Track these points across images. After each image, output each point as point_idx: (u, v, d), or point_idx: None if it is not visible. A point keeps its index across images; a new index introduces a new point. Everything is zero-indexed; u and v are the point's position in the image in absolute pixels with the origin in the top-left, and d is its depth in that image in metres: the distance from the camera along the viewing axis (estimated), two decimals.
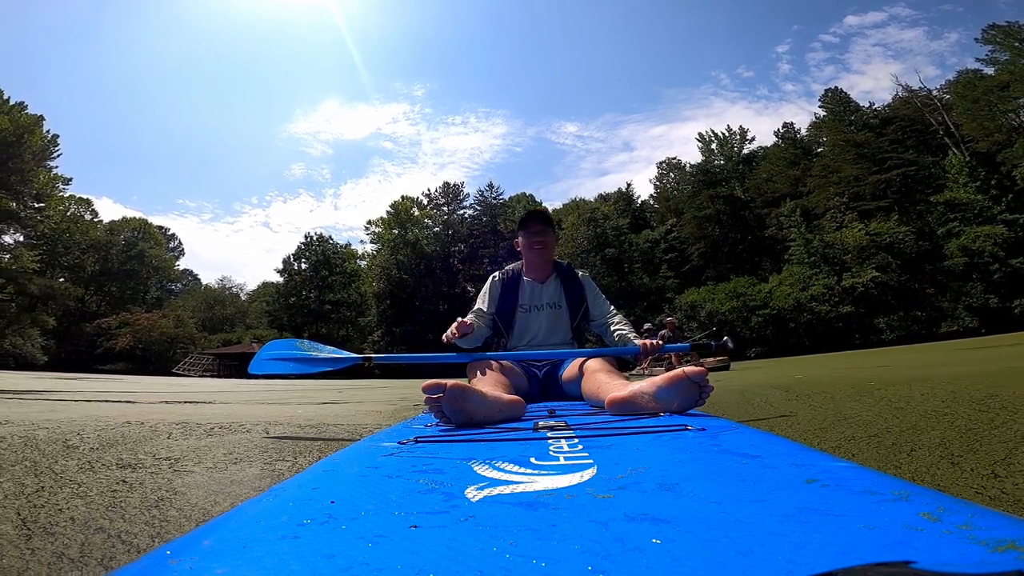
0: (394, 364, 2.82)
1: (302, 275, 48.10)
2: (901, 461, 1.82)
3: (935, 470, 1.71)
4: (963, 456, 1.82)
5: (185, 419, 3.98)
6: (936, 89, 40.17)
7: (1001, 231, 28.55)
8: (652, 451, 0.88)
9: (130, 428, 3.33)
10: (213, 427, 3.46)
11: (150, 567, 0.47)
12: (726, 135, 47.24)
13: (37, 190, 37.40)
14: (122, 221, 53.07)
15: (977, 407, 2.70)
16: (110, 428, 3.29)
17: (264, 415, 4.49)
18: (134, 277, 51.08)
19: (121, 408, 5.05)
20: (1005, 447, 1.86)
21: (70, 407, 4.95)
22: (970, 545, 0.43)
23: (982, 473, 1.62)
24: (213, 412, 4.76)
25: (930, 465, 1.77)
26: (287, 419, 4.12)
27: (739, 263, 38.68)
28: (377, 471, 0.82)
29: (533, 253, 2.60)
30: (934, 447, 1.97)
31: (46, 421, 3.54)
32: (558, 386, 2.31)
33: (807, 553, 0.44)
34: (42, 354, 37.50)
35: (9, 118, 34.58)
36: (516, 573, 0.43)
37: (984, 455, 1.80)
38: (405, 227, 47.87)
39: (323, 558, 0.46)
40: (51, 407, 4.85)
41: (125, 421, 3.72)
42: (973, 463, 1.72)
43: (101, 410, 4.71)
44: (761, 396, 4.39)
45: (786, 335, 29.63)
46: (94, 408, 4.94)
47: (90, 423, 3.51)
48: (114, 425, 3.45)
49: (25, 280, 35.59)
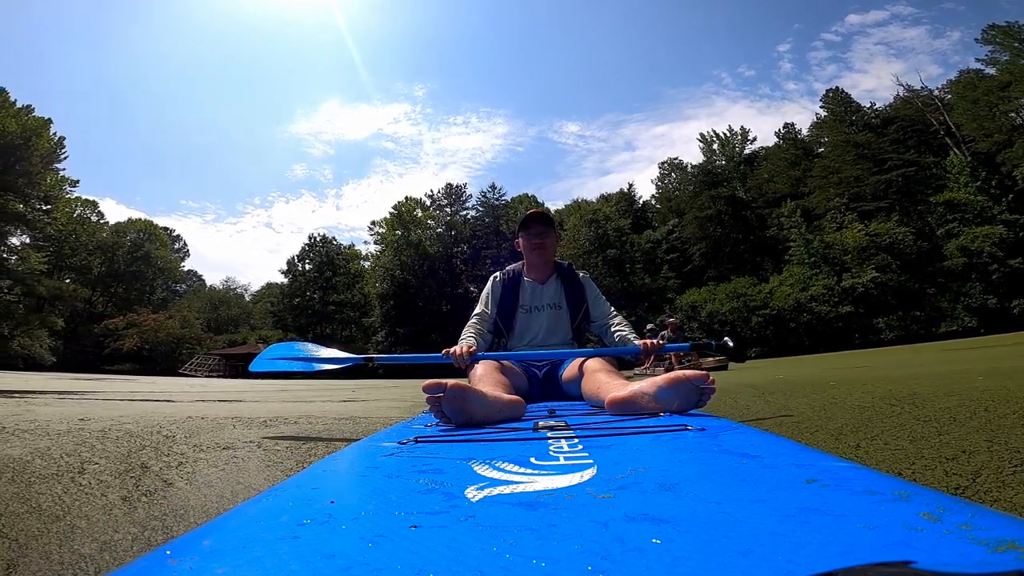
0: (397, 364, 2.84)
1: (306, 276, 48.23)
2: (803, 438, 2.14)
3: (821, 443, 2.18)
4: (847, 435, 2.30)
5: (235, 414, 4.46)
6: (938, 89, 39.91)
7: (1000, 231, 28.47)
8: (652, 451, 0.88)
9: (197, 421, 3.80)
10: (264, 420, 3.93)
11: (150, 567, 0.46)
12: (727, 135, 47.05)
13: (45, 192, 37.48)
14: (128, 223, 53.22)
15: (891, 402, 3.17)
16: (181, 422, 3.74)
17: (300, 411, 4.92)
18: (140, 278, 51.27)
19: (170, 406, 5.44)
20: (880, 430, 2.35)
21: (125, 406, 5.35)
22: (970, 545, 0.42)
23: (850, 445, 2.12)
24: (252, 409, 5.22)
25: (820, 440, 2.26)
26: (323, 414, 4.57)
27: (741, 263, 38.62)
28: (377, 471, 0.82)
29: (533, 254, 2.60)
30: (834, 430, 2.47)
31: (120, 417, 3.93)
32: (558, 386, 2.31)
33: (807, 553, 0.43)
34: (50, 355, 37.59)
35: (16, 121, 34.65)
36: (516, 573, 0.43)
37: (862, 435, 2.28)
38: (408, 228, 47.95)
39: (323, 558, 0.46)
40: (110, 406, 5.20)
41: (187, 416, 4.17)
42: (851, 440, 2.20)
43: (156, 408, 5.12)
44: (732, 394, 4.67)
45: (786, 335, 29.58)
46: (148, 407, 5.32)
47: (159, 418, 3.91)
48: (181, 419, 3.90)
49: (34, 282, 35.75)
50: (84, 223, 47.86)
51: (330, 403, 6.10)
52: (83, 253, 46.83)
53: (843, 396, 3.81)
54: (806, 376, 7.04)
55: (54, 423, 3.50)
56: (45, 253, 38.19)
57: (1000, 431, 2.08)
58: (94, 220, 49.81)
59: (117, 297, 49.99)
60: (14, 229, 36.61)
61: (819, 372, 7.80)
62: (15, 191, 35.27)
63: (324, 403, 6.11)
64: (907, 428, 2.33)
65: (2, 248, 35.88)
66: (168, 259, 55.22)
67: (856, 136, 36.80)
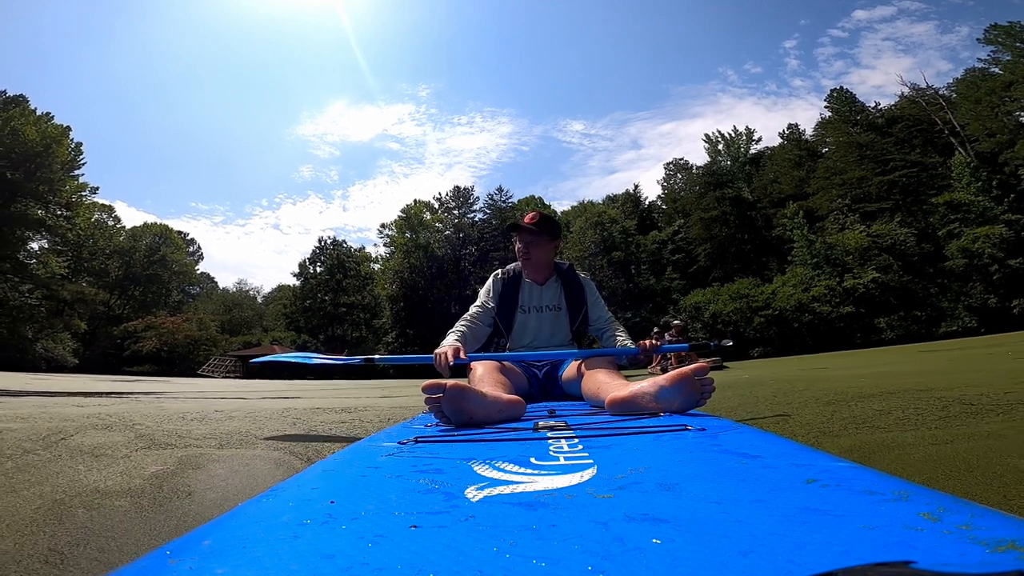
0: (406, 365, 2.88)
1: (318, 279, 48.35)
2: (737, 420, 2.52)
3: (746, 419, 2.77)
4: (730, 414, 2.85)
5: (314, 406, 5.15)
6: (944, 87, 39.25)
7: (1000, 231, 28.25)
8: (652, 451, 0.87)
9: (298, 412, 4.45)
10: (340, 410, 4.55)
11: (150, 567, 0.46)
12: (732, 136, 46.69)
13: (66, 199, 37.79)
14: (143, 227, 53.63)
15: (820, 399, 3.75)
16: (289, 412, 4.37)
17: (356, 403, 5.56)
18: (156, 281, 51.60)
19: (252, 402, 5.99)
20: (757, 411, 3.27)
21: (221, 402, 5.83)
22: (970, 545, 0.42)
23: (771, 423, 2.74)
24: (319, 403, 5.84)
25: (744, 417, 2.89)
26: (375, 405, 5.24)
27: (746, 263, 38.41)
28: (377, 471, 0.81)
29: (520, 257, 2.55)
30: (765, 415, 3.05)
31: (235, 411, 4.51)
32: (558, 386, 2.29)
33: (807, 553, 0.43)
34: (72, 357, 37.91)
35: (36, 129, 34.88)
36: (516, 573, 0.42)
37: (780, 419, 2.87)
38: (417, 231, 48.14)
39: (323, 558, 0.46)
40: (206, 405, 5.42)
41: (283, 409, 4.82)
42: (769, 423, 2.74)
43: (249, 404, 5.65)
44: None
45: (789, 335, 29.44)
46: (243, 403, 5.83)
47: (266, 411, 4.56)
48: (281, 411, 4.50)
49: (57, 286, 36.06)
50: (101, 228, 48.26)
51: (369, 399, 6.55)
52: (101, 257, 47.20)
53: (787, 391, 4.63)
54: (771, 375, 7.78)
55: (227, 409, 4.55)
56: (65, 258, 38.53)
57: (821, 412, 3.04)
58: (111, 224, 50.26)
59: (134, 300, 50.35)
60: (36, 235, 36.97)
61: (786, 373, 8.35)
62: (37, 198, 35.60)
63: (367, 399, 6.60)
64: (779, 408, 3.39)
65: (24, 254, 36.20)
66: (184, 262, 55.53)
67: (859, 137, 36.44)
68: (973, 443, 1.94)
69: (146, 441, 2.57)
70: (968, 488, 1.42)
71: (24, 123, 34.12)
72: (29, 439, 2.49)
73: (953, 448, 1.88)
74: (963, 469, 1.60)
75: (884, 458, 1.82)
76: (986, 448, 1.84)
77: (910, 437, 2.13)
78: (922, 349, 13.91)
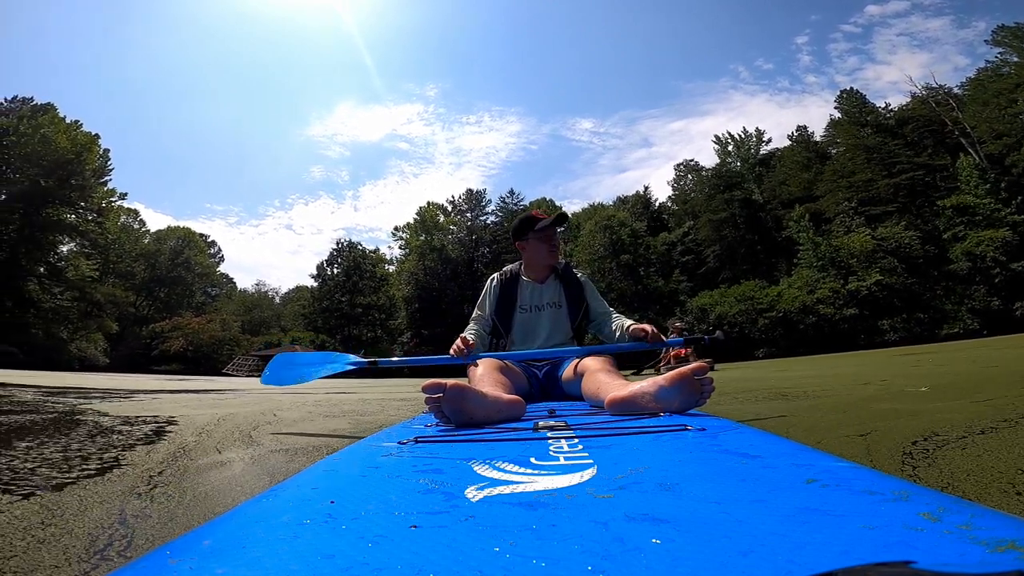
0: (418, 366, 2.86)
1: (335, 280, 48.70)
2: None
3: (746, 419, 2.83)
4: (766, 418, 2.92)
5: (375, 399, 5.57)
6: (957, 86, 38.32)
7: (1004, 234, 27.94)
8: (652, 451, 0.86)
9: (367, 404, 4.82)
10: (396, 403, 4.88)
11: (150, 567, 0.46)
12: (742, 137, 45.85)
13: (97, 205, 38.35)
14: (167, 230, 54.56)
15: (774, 396, 4.11)
16: (359, 405, 4.72)
17: (399, 395, 6.05)
18: (181, 283, 52.39)
19: (317, 396, 6.25)
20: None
21: (287, 398, 6.00)
22: (970, 545, 0.41)
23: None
24: (371, 395, 6.31)
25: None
26: (414, 398, 5.56)
27: (755, 265, 38.11)
28: (377, 471, 0.81)
29: (549, 254, 2.54)
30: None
31: (316, 403, 4.91)
32: (558, 386, 2.26)
33: (807, 553, 0.42)
34: (104, 356, 38.47)
35: (67, 136, 35.38)
36: (516, 573, 0.42)
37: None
38: (431, 233, 48.43)
39: (323, 558, 0.45)
40: (270, 400, 5.62)
41: (357, 401, 5.24)
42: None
43: (317, 397, 5.95)
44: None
45: (794, 337, 29.21)
46: (305, 397, 6.09)
47: (339, 404, 4.88)
48: (351, 403, 4.89)
49: (90, 289, 36.63)
50: (128, 231, 49.01)
51: (399, 394, 6.82)
52: (128, 260, 47.91)
53: (749, 389, 5.09)
54: (755, 375, 8.19)
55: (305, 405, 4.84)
56: (94, 261, 39.09)
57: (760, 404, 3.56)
58: (136, 228, 51.03)
59: (159, 301, 51.15)
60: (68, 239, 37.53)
61: (766, 373, 8.58)
62: (69, 204, 36.20)
63: (399, 394, 6.90)
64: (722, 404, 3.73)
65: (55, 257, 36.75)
66: (206, 264, 56.23)
67: (867, 139, 35.93)
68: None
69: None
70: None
71: (54, 131, 34.68)
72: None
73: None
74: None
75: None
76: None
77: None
78: (899, 353, 13.92)
